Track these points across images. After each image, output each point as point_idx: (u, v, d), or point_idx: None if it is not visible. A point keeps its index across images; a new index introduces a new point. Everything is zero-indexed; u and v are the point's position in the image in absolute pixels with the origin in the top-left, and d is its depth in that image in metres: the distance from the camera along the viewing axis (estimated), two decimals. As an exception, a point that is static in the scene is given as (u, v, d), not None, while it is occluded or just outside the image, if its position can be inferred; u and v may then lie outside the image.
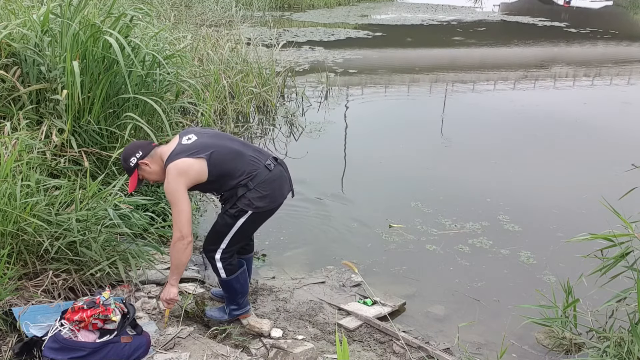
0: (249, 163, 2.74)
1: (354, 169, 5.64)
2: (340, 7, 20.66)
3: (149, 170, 2.76)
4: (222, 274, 2.87)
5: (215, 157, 2.68)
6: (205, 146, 2.69)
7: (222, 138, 2.86)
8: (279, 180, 2.83)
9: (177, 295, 2.77)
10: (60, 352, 2.35)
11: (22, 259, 2.85)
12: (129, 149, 2.78)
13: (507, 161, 5.89)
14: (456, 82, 9.84)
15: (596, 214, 3.99)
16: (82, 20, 3.76)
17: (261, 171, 2.75)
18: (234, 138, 2.96)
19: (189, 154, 2.66)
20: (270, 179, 2.78)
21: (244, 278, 2.97)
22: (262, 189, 2.75)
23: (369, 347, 2.97)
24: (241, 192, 2.73)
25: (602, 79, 10.30)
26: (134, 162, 2.73)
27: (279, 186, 2.83)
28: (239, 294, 2.98)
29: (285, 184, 2.89)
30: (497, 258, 3.96)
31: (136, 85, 4.00)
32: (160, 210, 3.89)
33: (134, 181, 2.78)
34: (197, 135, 2.77)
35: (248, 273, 3.15)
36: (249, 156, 2.77)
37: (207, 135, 2.81)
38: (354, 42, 13.11)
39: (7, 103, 3.69)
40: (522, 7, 22.90)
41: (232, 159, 2.73)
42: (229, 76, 6.77)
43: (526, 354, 2.98)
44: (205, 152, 2.67)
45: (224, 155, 2.71)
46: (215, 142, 2.76)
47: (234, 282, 2.92)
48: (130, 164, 2.74)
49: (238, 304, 3.00)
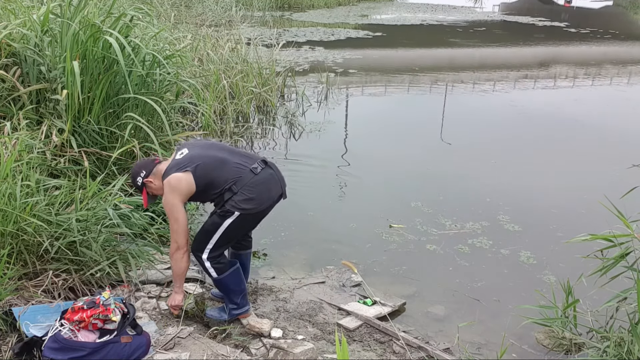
0: (232, 170, 2.82)
1: (354, 169, 5.64)
2: (340, 7, 20.66)
3: (154, 187, 2.91)
4: (213, 273, 2.91)
5: (200, 168, 2.78)
6: (192, 159, 2.81)
7: (210, 148, 2.94)
8: (267, 182, 2.86)
9: (182, 301, 2.96)
10: (60, 352, 2.35)
11: (22, 259, 2.85)
12: (135, 170, 2.95)
13: (507, 161, 5.89)
14: (456, 82, 9.84)
15: (596, 214, 3.99)
16: (82, 20, 3.76)
17: (245, 175, 2.81)
18: (223, 147, 3.03)
19: (178, 168, 2.79)
20: (256, 182, 2.81)
21: (237, 276, 2.97)
22: (248, 191, 2.79)
23: (369, 347, 2.97)
24: (227, 196, 2.80)
25: (602, 79, 10.31)
26: (140, 182, 2.91)
27: (266, 189, 2.85)
28: (235, 293, 2.98)
29: (274, 186, 2.90)
30: (497, 258, 3.96)
31: (136, 85, 4.00)
32: (160, 210, 3.89)
33: (145, 198, 2.97)
34: (188, 148, 2.89)
35: (245, 270, 3.18)
36: (233, 163, 2.84)
37: (197, 147, 2.92)
38: (354, 42, 13.11)
39: (7, 103, 3.69)
40: (522, 7, 22.91)
41: (216, 167, 2.81)
42: (229, 76, 6.77)
43: (526, 354, 2.98)
44: (192, 164, 2.78)
45: (207, 165, 2.81)
46: (203, 153, 2.87)
47: (226, 281, 2.94)
48: (137, 183, 2.93)
49: (237, 304, 3.00)
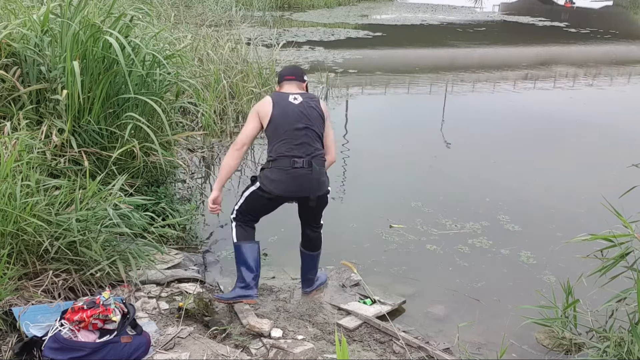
0: (285, 146, 3.01)
1: (354, 169, 5.64)
2: (340, 7, 20.67)
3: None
4: (233, 235, 3.15)
5: (276, 116, 3.03)
6: (284, 107, 3.05)
7: (300, 114, 3.06)
8: (296, 177, 3.01)
9: (216, 198, 3.17)
10: (60, 352, 2.35)
11: (22, 259, 2.85)
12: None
13: (507, 161, 5.90)
14: (456, 82, 9.84)
15: (596, 214, 3.99)
16: (82, 20, 3.75)
17: (284, 161, 3.00)
18: (310, 118, 3.08)
19: (274, 95, 3.14)
20: (286, 171, 3.00)
21: (251, 252, 3.12)
22: (275, 174, 3.01)
23: (369, 347, 2.96)
24: (264, 165, 3.09)
25: (602, 79, 10.31)
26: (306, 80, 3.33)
27: (292, 181, 3.01)
28: (247, 268, 3.10)
29: (302, 184, 3.04)
30: (497, 258, 3.96)
31: (136, 85, 3.99)
32: (160, 210, 3.89)
33: None
34: (294, 97, 3.10)
35: (304, 272, 3.42)
36: (293, 142, 3.01)
37: (294, 104, 3.08)
38: (354, 42, 13.11)
39: (7, 103, 3.69)
40: (522, 7, 22.91)
41: (282, 131, 3.02)
42: (229, 76, 6.76)
43: (526, 354, 2.98)
44: (278, 107, 3.04)
45: (280, 123, 3.03)
46: (291, 111, 3.05)
47: (240, 250, 3.12)
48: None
49: (245, 282, 3.08)
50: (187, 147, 5.34)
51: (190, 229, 4.14)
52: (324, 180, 3.12)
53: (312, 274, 3.45)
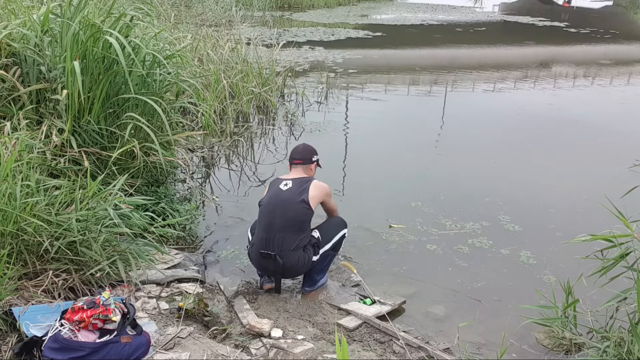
0: (260, 234, 3.31)
1: (354, 169, 5.64)
2: (340, 7, 20.67)
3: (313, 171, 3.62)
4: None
5: (265, 203, 3.36)
6: (271, 200, 3.35)
7: (282, 210, 3.29)
8: (266, 263, 3.30)
9: None
10: (60, 352, 2.35)
11: (22, 259, 2.85)
12: (311, 149, 3.64)
13: (507, 161, 5.89)
14: (456, 82, 9.84)
15: (596, 214, 3.99)
16: (82, 20, 3.75)
17: (257, 245, 3.32)
18: (288, 218, 3.29)
19: (271, 185, 3.51)
20: (258, 254, 3.31)
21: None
22: (252, 252, 3.37)
23: (369, 347, 2.96)
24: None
25: (602, 79, 10.31)
26: (316, 159, 3.62)
27: (263, 263, 3.32)
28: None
29: (272, 271, 3.34)
30: (497, 258, 3.96)
31: (136, 85, 3.99)
32: (160, 210, 3.89)
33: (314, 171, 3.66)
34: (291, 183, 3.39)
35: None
36: (265, 236, 3.28)
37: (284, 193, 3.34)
38: (354, 42, 13.11)
39: (7, 103, 3.69)
40: (522, 7, 22.91)
41: (263, 218, 3.34)
42: (229, 76, 6.77)
43: (526, 354, 2.98)
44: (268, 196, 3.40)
45: (264, 213, 3.34)
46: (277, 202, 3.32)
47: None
48: (313, 158, 3.59)
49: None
50: (187, 147, 5.34)
51: (190, 229, 4.14)
52: (294, 267, 3.30)
53: (319, 274, 3.47)
